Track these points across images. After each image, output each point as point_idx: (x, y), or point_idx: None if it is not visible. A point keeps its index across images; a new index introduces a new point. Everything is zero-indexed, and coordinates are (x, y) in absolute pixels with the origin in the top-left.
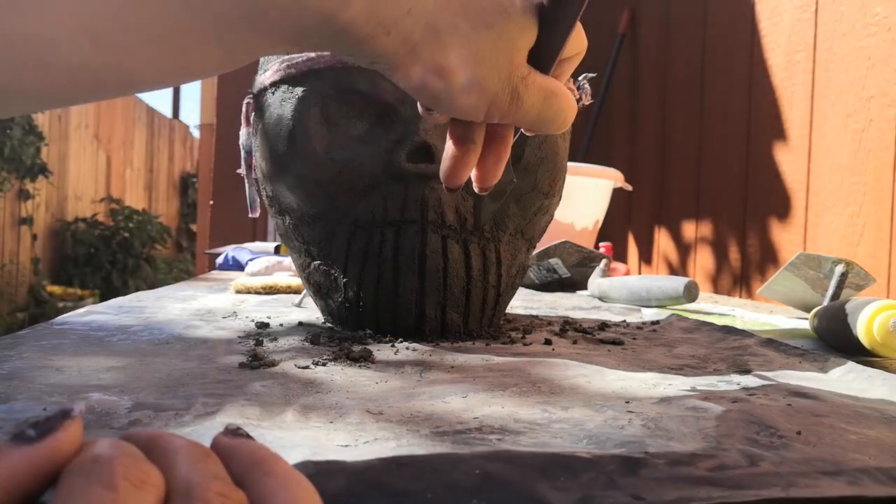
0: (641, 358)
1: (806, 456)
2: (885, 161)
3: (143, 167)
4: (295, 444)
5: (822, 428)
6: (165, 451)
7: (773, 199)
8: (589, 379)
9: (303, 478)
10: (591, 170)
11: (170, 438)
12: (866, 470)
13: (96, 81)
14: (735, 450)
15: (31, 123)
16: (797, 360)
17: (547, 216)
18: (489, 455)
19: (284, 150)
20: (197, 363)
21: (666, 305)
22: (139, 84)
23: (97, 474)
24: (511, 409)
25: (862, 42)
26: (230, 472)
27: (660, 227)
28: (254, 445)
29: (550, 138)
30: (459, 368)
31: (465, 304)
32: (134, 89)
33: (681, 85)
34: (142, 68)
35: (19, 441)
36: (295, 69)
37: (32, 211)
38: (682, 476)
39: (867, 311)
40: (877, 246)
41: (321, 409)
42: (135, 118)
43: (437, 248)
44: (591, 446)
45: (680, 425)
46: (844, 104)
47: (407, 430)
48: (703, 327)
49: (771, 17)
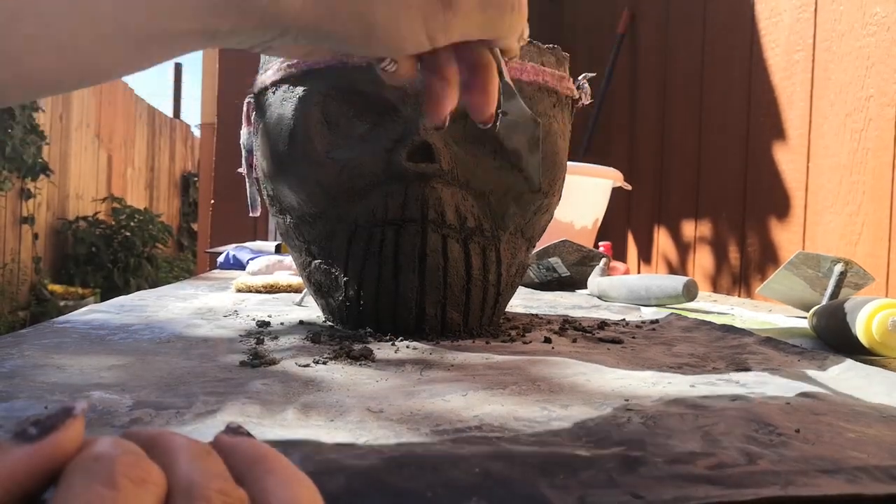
0: (641, 356)
1: (805, 454)
2: (883, 160)
3: (144, 166)
4: (295, 443)
5: (821, 426)
6: (166, 449)
7: (773, 198)
8: (588, 377)
9: (304, 476)
10: (590, 169)
11: (171, 437)
12: (865, 468)
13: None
14: (734, 448)
15: (33, 123)
16: (796, 359)
17: (547, 215)
18: (489, 453)
19: (285, 150)
20: (198, 362)
21: (665, 304)
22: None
23: (98, 473)
24: (511, 407)
25: (861, 42)
26: (231, 470)
27: (659, 227)
28: (255, 444)
29: (550, 137)
30: (459, 367)
31: (465, 303)
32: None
33: (680, 85)
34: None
35: (21, 439)
36: (296, 69)
37: (34, 210)
38: (681, 474)
39: (866, 310)
40: (875, 245)
41: (322, 407)
42: (136, 117)
43: (437, 247)
44: (590, 444)
45: (679, 423)
46: (843, 104)
47: (407, 428)
48: (703, 326)
49: (770, 17)
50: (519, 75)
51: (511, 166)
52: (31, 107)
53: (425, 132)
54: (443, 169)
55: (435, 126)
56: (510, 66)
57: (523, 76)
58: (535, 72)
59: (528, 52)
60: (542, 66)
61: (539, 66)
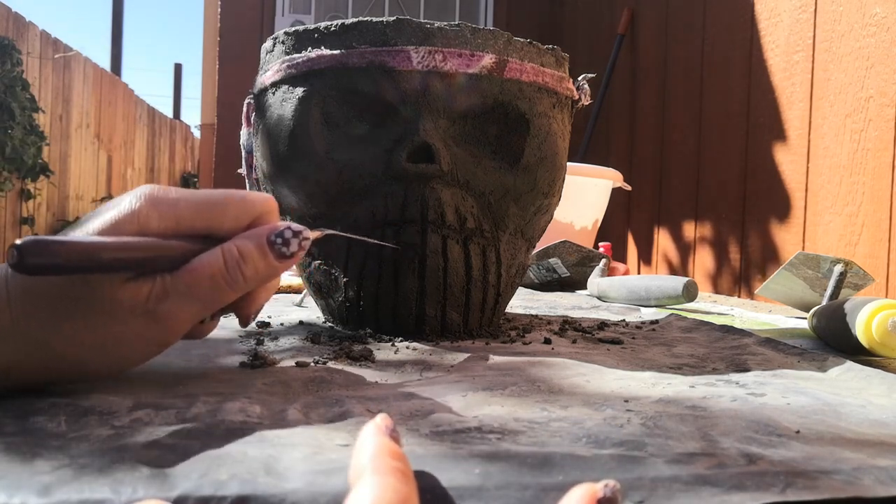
0: (640, 357)
1: (805, 454)
2: (883, 161)
3: (144, 167)
4: (295, 444)
5: (821, 427)
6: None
7: (772, 198)
8: (588, 378)
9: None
10: (590, 170)
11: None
12: (865, 469)
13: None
14: (734, 449)
15: (33, 123)
16: (796, 360)
17: (546, 216)
18: (489, 454)
19: (285, 151)
20: (198, 362)
21: (665, 305)
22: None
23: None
24: (510, 408)
25: (861, 42)
26: None
27: (659, 227)
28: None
29: (550, 138)
30: (459, 368)
31: (464, 304)
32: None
33: (680, 85)
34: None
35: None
36: (296, 69)
37: (34, 210)
38: (681, 475)
39: (865, 311)
40: (875, 245)
41: (322, 408)
42: (136, 118)
43: (437, 248)
44: (590, 445)
45: (679, 424)
46: (843, 104)
47: (407, 429)
48: (702, 327)
49: (770, 18)
50: (519, 76)
51: (510, 167)
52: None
53: (425, 133)
54: (442, 170)
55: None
56: (510, 65)
57: (523, 76)
58: (535, 72)
59: (528, 53)
60: (542, 66)
61: (539, 67)
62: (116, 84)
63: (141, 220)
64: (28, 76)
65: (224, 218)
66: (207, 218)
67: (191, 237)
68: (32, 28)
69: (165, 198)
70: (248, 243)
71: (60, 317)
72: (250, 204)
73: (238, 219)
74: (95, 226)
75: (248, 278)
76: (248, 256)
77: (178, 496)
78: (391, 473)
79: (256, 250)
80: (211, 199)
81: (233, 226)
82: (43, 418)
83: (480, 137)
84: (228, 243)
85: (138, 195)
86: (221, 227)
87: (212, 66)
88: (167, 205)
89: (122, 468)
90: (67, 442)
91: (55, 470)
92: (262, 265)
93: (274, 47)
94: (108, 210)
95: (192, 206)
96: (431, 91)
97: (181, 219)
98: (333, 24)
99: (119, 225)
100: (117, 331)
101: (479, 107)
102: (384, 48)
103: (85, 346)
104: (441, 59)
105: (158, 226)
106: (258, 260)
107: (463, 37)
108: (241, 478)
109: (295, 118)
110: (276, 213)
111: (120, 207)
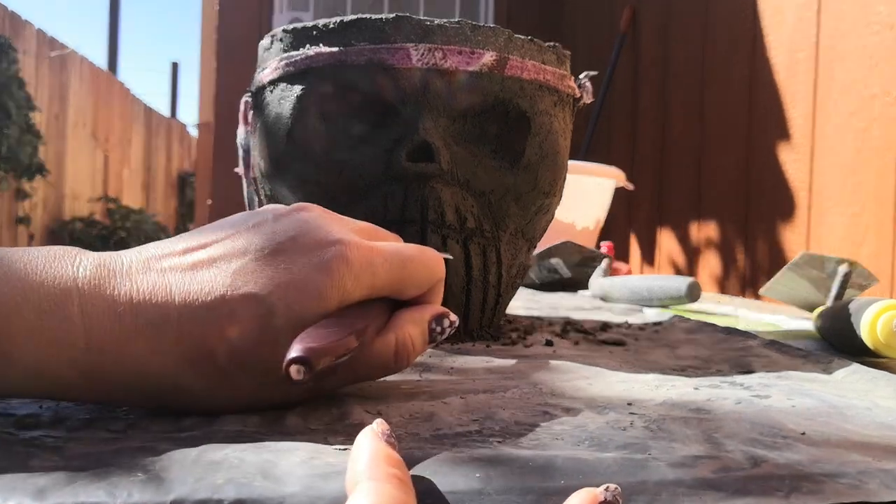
0: (643, 359)
1: (810, 457)
2: (888, 160)
3: (141, 166)
4: (294, 447)
5: (826, 429)
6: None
7: (776, 198)
8: (590, 381)
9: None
10: (592, 169)
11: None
12: (870, 472)
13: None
14: (738, 451)
15: (29, 122)
16: (801, 362)
17: (548, 216)
18: (490, 458)
19: (283, 149)
20: None
21: (668, 305)
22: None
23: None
24: (511, 411)
25: (865, 41)
26: None
27: (661, 227)
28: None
29: (551, 136)
30: (459, 370)
31: (464, 305)
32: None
33: (682, 84)
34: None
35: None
36: (294, 67)
37: (30, 210)
38: (685, 478)
39: (870, 312)
40: (880, 246)
41: (320, 410)
42: (132, 117)
43: (436, 248)
44: (592, 449)
45: (683, 427)
46: (847, 103)
47: (406, 432)
48: (706, 328)
49: (773, 16)
50: (520, 73)
51: (511, 166)
52: (28, 106)
53: (425, 132)
54: (442, 169)
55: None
56: (511, 63)
57: (524, 74)
58: (536, 70)
59: (528, 50)
60: (543, 64)
61: (540, 64)
62: (113, 83)
63: (346, 293)
64: (24, 75)
65: (410, 284)
66: (398, 282)
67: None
68: (29, 27)
69: (366, 262)
70: (416, 330)
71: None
72: (433, 272)
73: (420, 287)
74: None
75: (407, 366)
76: (417, 347)
77: (173, 500)
78: (388, 480)
79: (420, 337)
80: (403, 260)
81: (414, 293)
82: (38, 421)
83: (481, 136)
84: (402, 331)
85: (337, 256)
86: (403, 294)
87: (210, 64)
88: (368, 274)
89: (117, 472)
90: (63, 445)
91: (50, 473)
92: (421, 352)
93: (272, 45)
94: (296, 261)
95: (387, 273)
96: (431, 89)
97: (375, 288)
98: (332, 22)
99: (324, 293)
100: (261, 398)
101: (479, 105)
102: (383, 45)
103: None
104: (441, 57)
105: (355, 296)
106: (420, 348)
107: (463, 34)
108: (237, 482)
109: (293, 116)
110: (442, 282)
111: (318, 267)
